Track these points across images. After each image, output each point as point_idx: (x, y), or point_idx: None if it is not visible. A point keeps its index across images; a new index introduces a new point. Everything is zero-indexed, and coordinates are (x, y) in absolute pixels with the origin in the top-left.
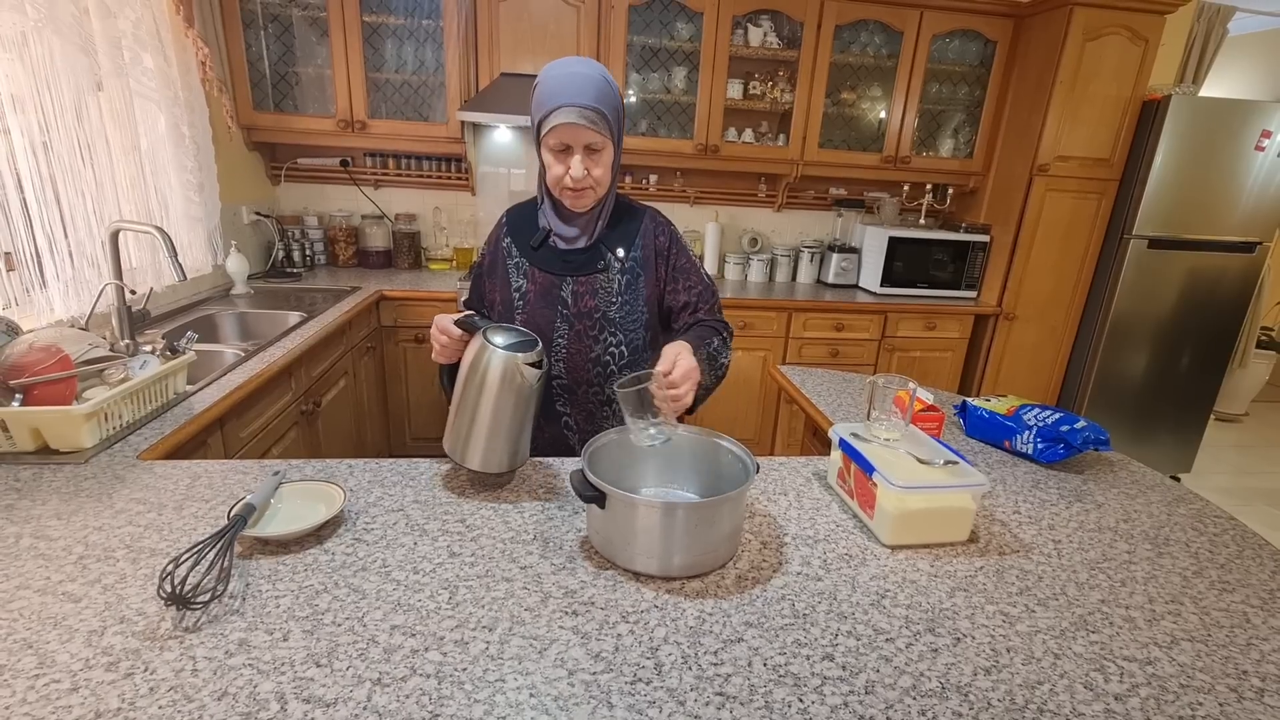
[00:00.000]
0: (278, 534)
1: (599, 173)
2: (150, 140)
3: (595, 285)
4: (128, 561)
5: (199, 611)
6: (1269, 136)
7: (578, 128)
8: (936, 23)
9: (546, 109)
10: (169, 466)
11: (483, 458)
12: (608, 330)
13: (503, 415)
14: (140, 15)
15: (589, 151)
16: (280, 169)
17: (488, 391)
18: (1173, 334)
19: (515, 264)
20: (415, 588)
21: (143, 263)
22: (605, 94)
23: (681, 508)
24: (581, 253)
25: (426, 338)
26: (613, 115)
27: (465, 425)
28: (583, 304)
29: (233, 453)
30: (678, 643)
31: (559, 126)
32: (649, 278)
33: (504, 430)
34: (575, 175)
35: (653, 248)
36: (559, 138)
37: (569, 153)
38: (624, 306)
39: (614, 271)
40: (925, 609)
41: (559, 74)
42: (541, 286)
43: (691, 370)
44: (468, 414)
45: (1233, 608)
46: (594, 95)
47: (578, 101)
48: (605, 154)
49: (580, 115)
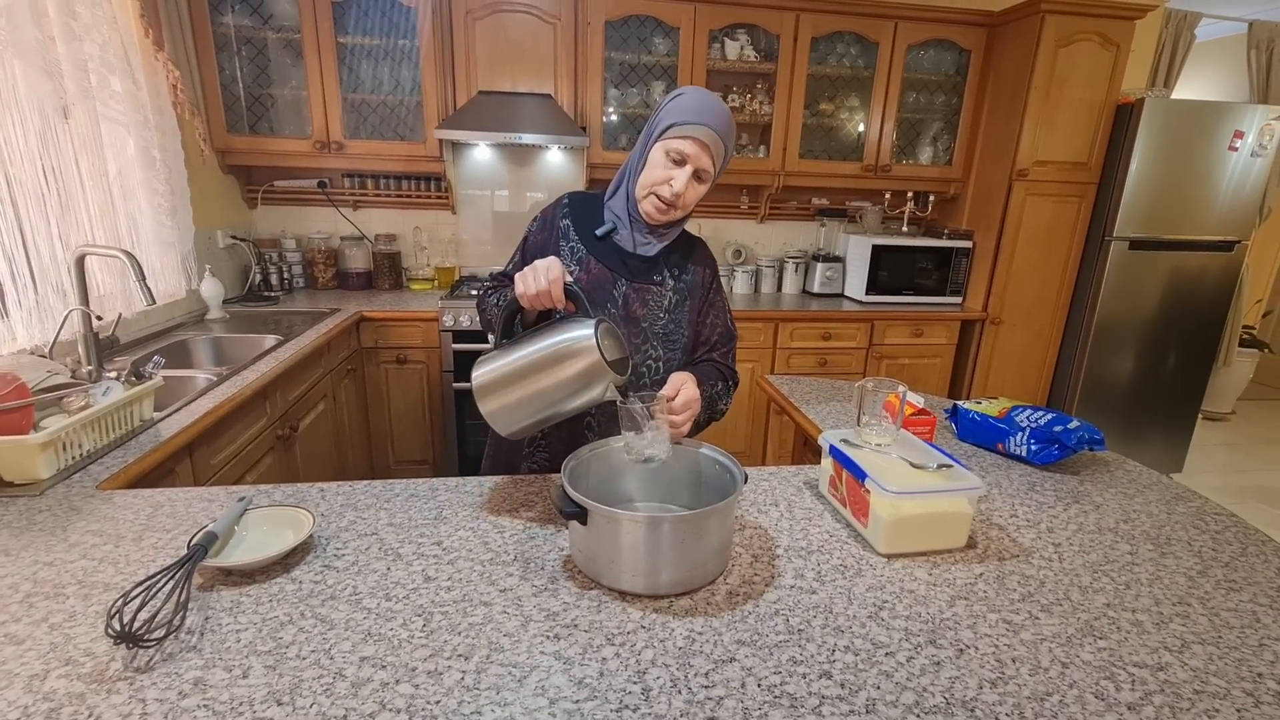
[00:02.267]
0: (241, 563)
1: (692, 197)
2: (120, 164)
3: (647, 295)
4: (78, 598)
5: (152, 649)
6: (1241, 137)
7: (704, 147)
8: (911, 33)
9: (687, 118)
10: (129, 496)
11: (503, 415)
12: (650, 343)
13: (551, 402)
14: (108, 38)
15: (697, 176)
16: (257, 192)
17: (558, 375)
18: (1158, 334)
19: (571, 248)
20: (387, 616)
21: (112, 289)
22: (732, 136)
23: (668, 522)
24: (643, 260)
25: (408, 359)
26: (726, 156)
27: (509, 379)
28: (632, 309)
29: (203, 480)
30: (666, 665)
31: (690, 138)
32: (694, 303)
33: (538, 411)
34: (677, 188)
35: (701, 275)
36: (681, 147)
37: (679, 165)
38: (670, 323)
39: (668, 288)
40: (925, 619)
41: (706, 94)
42: (595, 279)
43: (693, 401)
44: (520, 372)
45: (1241, 607)
46: (728, 130)
47: (717, 127)
48: (704, 186)
49: (713, 139)
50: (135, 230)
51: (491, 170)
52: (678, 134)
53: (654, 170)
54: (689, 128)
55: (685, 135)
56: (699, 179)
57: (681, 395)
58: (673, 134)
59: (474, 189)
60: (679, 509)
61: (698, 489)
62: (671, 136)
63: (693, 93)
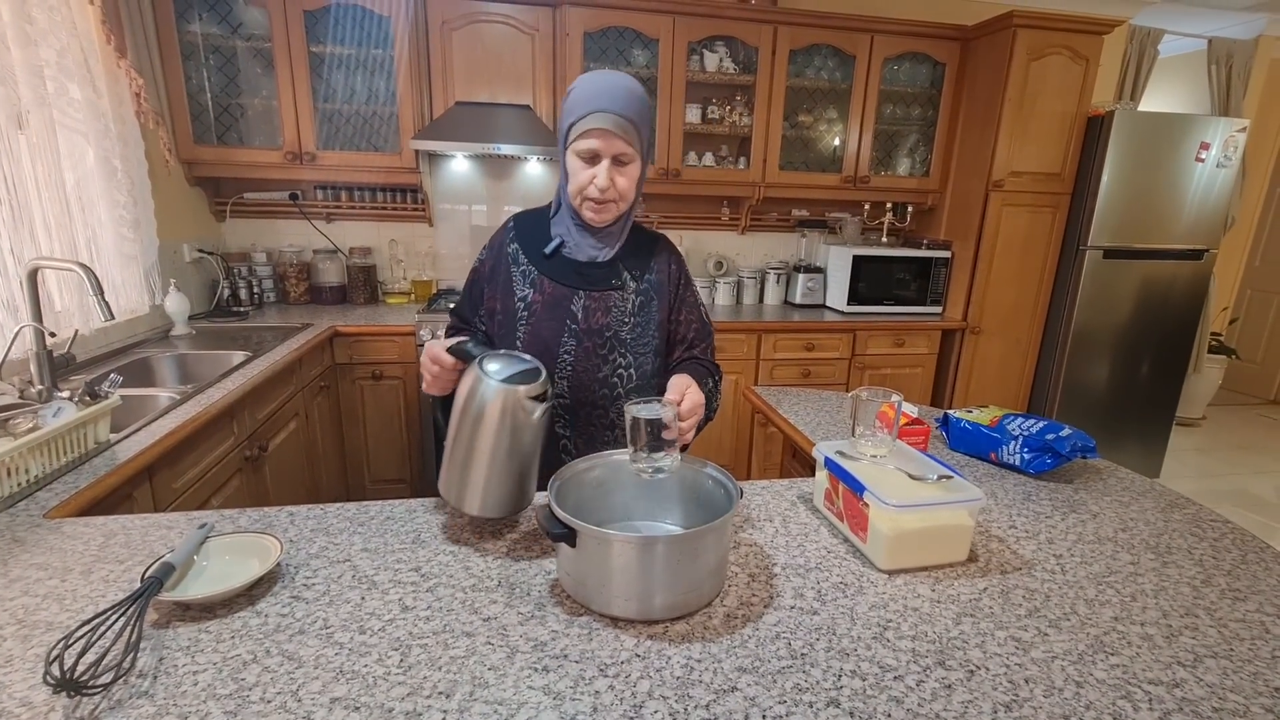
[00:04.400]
0: (200, 596)
1: (624, 184)
2: (78, 174)
3: (609, 302)
4: (17, 640)
5: (98, 696)
6: (1207, 148)
7: (609, 135)
8: (887, 46)
9: (579, 113)
10: (79, 525)
11: (482, 501)
12: (618, 351)
13: (503, 454)
14: (66, 44)
15: (617, 162)
16: (225, 204)
17: (485, 428)
18: (1132, 341)
19: (522, 271)
20: (361, 650)
21: (69, 305)
22: (640, 107)
23: (661, 541)
24: (597, 267)
25: (384, 374)
26: (645, 130)
27: (461, 466)
28: (594, 320)
29: (164, 506)
30: (664, 697)
31: (591, 131)
32: (661, 303)
33: (506, 471)
34: (600, 184)
35: (667, 273)
36: (588, 143)
37: (596, 160)
38: (636, 328)
39: (629, 291)
40: (932, 639)
41: (595, 79)
42: (551, 298)
43: (698, 406)
44: (462, 453)
45: (1249, 618)
46: (629, 104)
47: (612, 108)
48: (633, 168)
49: (614, 122)
50: (95, 243)
51: (469, 182)
52: (579, 134)
53: (575, 176)
54: (585, 122)
55: (586, 132)
56: (620, 163)
57: (687, 400)
58: (574, 135)
59: (451, 201)
60: (672, 527)
61: (690, 506)
62: (575, 139)
63: (580, 84)
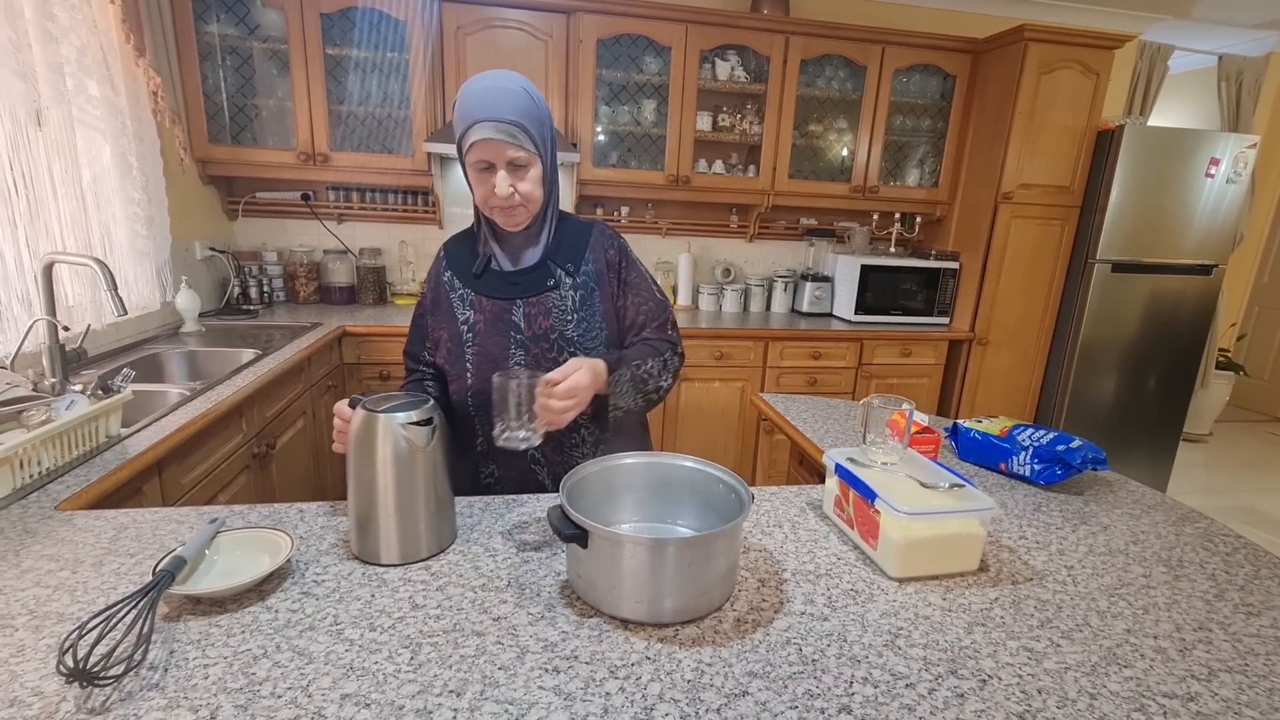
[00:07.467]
0: (211, 590)
1: (526, 188)
2: (94, 171)
3: (548, 304)
4: (29, 630)
5: (109, 688)
6: (1217, 164)
7: (496, 143)
8: (898, 58)
9: (462, 127)
10: (91, 518)
11: (400, 548)
12: (566, 351)
13: (404, 491)
14: (86, 42)
15: (513, 168)
16: (238, 203)
17: (381, 467)
18: (1140, 356)
19: (460, 296)
20: (371, 648)
21: (81, 299)
22: (524, 106)
23: (673, 544)
24: (529, 272)
25: (391, 374)
26: (535, 128)
27: (366, 517)
28: (537, 326)
29: (173, 501)
30: (675, 700)
31: (477, 144)
32: (604, 292)
33: (409, 509)
34: (501, 193)
35: (604, 261)
36: (478, 155)
37: (491, 170)
38: (581, 324)
39: (566, 288)
40: (944, 648)
41: (474, 89)
42: (491, 314)
43: (579, 390)
44: (364, 501)
45: (1263, 633)
46: (511, 108)
47: (493, 116)
48: (532, 169)
49: (497, 130)
50: (109, 239)
51: None
52: (467, 147)
53: (478, 188)
54: (470, 134)
55: (473, 145)
56: (517, 167)
57: (568, 382)
58: (465, 148)
59: (461, 204)
60: (684, 530)
61: (701, 510)
62: (466, 153)
63: (462, 94)
